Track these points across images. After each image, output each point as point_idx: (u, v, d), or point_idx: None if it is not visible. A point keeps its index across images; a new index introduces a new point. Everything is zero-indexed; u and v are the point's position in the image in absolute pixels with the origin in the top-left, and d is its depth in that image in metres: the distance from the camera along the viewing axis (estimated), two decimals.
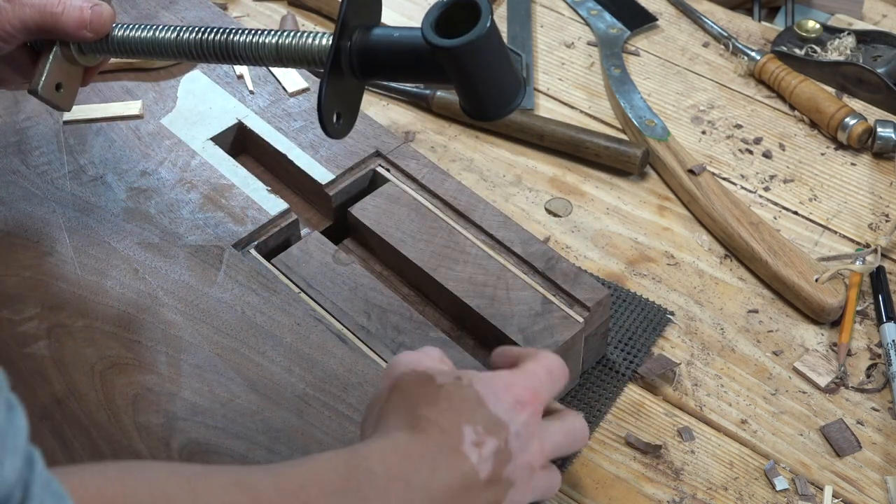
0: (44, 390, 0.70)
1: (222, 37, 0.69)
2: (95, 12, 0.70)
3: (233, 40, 0.68)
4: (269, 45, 0.67)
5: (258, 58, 0.68)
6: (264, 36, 0.67)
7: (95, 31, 0.70)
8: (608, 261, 0.89)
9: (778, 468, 0.75)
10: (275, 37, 0.67)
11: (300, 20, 1.11)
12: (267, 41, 0.67)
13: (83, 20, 0.69)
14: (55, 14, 0.69)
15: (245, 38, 0.68)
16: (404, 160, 0.85)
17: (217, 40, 0.69)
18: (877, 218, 0.92)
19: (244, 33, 0.68)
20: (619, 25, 1.10)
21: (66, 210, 0.81)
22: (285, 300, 0.75)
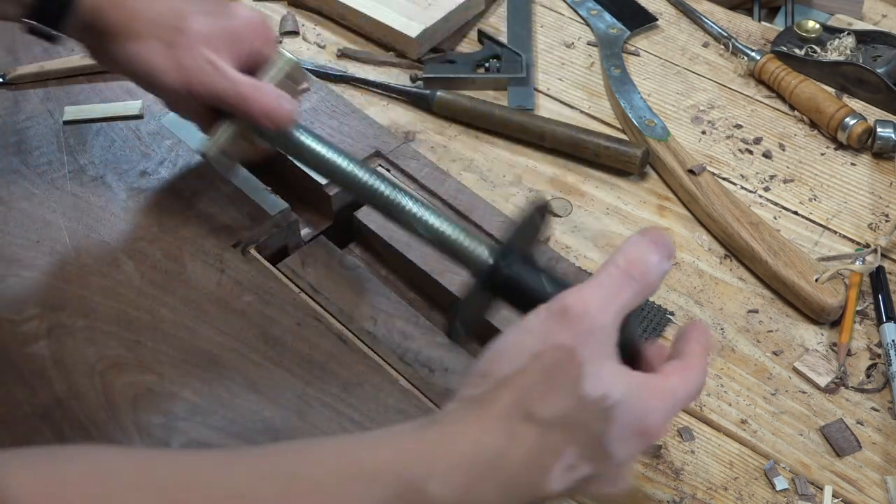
0: (44, 390, 0.70)
1: (390, 194, 0.69)
2: (281, 107, 0.72)
3: (398, 202, 0.69)
4: (431, 225, 0.67)
5: (414, 229, 0.68)
6: (430, 214, 0.68)
7: (277, 124, 0.72)
8: None
9: (778, 468, 0.75)
10: (439, 220, 0.68)
11: (300, 20, 1.11)
12: (430, 220, 0.68)
13: (270, 110, 0.72)
14: (246, 98, 0.72)
15: (411, 205, 0.68)
16: (404, 160, 0.85)
17: (384, 196, 0.69)
18: (877, 218, 0.92)
19: (412, 200, 0.69)
20: (619, 25, 1.10)
21: (66, 210, 0.81)
22: (285, 300, 0.75)
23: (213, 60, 0.72)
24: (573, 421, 0.53)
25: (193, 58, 0.72)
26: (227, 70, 0.73)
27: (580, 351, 0.53)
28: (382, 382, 0.70)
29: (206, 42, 0.73)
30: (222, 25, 0.74)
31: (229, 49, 0.74)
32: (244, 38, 0.75)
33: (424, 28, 1.06)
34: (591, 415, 0.53)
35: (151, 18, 0.73)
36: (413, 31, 1.06)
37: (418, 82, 1.04)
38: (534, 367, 0.53)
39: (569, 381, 0.53)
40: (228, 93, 0.72)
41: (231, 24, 0.74)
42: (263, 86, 0.73)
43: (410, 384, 0.70)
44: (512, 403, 0.53)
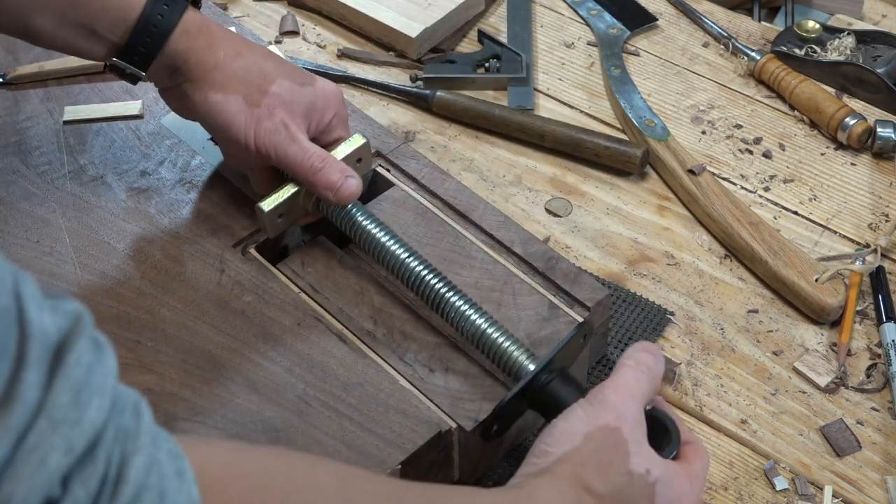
0: None
1: (441, 288, 0.71)
2: (346, 184, 0.74)
3: (447, 299, 0.71)
4: (477, 327, 0.69)
5: (459, 326, 0.70)
6: (479, 316, 0.70)
7: (339, 200, 0.74)
8: (608, 261, 0.89)
9: (778, 468, 0.75)
10: (487, 323, 0.69)
11: (300, 20, 1.11)
12: (477, 323, 0.69)
13: (333, 186, 0.74)
14: (314, 168, 0.73)
15: (461, 304, 0.70)
16: (404, 160, 0.85)
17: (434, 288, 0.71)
18: (877, 218, 0.92)
19: (463, 300, 0.71)
20: (619, 25, 1.10)
21: (66, 210, 0.81)
22: (285, 300, 0.75)
23: (289, 125, 0.74)
24: (624, 495, 0.58)
25: (271, 118, 0.74)
26: (301, 137, 0.75)
27: (624, 431, 0.60)
28: (382, 382, 0.70)
29: (286, 106, 0.75)
30: (302, 93, 0.76)
31: (305, 117, 0.76)
32: (320, 109, 0.77)
33: (424, 28, 1.06)
34: (638, 490, 0.59)
35: (237, 73, 0.74)
36: (413, 31, 1.06)
37: (418, 82, 1.04)
38: (588, 446, 0.59)
39: (618, 459, 0.59)
40: (298, 160, 0.74)
41: (311, 93, 0.76)
42: (332, 159, 0.75)
43: (410, 384, 0.70)
44: (572, 476, 0.58)
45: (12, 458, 0.36)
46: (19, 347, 0.36)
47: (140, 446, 0.40)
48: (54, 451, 0.37)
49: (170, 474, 0.41)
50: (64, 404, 0.37)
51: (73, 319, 0.40)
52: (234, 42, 0.76)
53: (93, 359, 0.40)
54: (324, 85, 0.78)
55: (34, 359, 0.37)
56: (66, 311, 0.40)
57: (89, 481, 0.38)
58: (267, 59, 0.76)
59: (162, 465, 0.41)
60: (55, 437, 0.37)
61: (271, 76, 0.75)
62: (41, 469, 0.36)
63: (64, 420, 0.37)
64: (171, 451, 0.42)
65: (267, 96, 0.74)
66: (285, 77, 0.75)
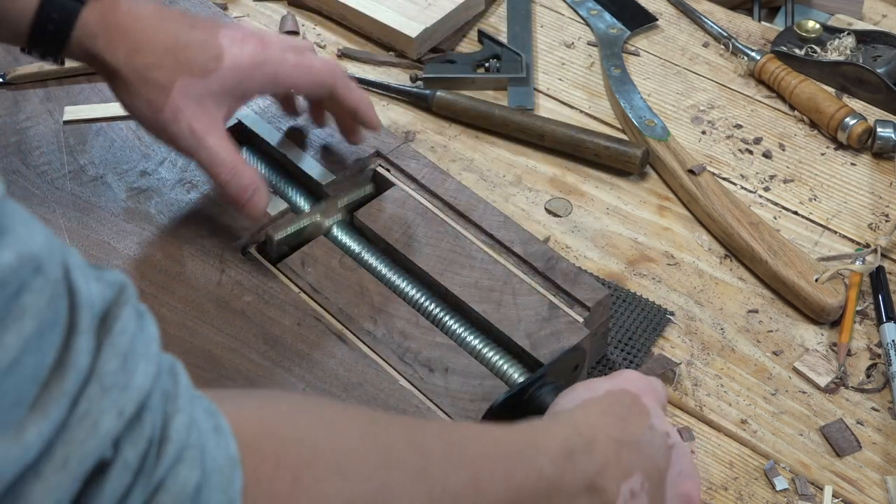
0: None
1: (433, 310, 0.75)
2: (252, 202, 0.74)
3: (444, 321, 0.74)
4: (468, 343, 0.73)
5: (453, 338, 0.73)
6: (471, 334, 0.74)
7: (248, 215, 0.75)
8: (608, 261, 0.89)
9: (778, 468, 0.75)
10: (478, 340, 0.73)
11: (300, 20, 1.11)
12: (468, 340, 0.73)
13: (238, 202, 0.74)
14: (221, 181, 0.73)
15: (455, 324, 0.74)
16: (404, 160, 0.85)
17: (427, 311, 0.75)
18: (877, 218, 0.92)
19: (459, 322, 0.74)
20: (619, 25, 1.10)
21: (66, 210, 0.81)
22: (285, 300, 0.75)
23: (195, 129, 0.72)
24: (644, 446, 0.60)
25: (176, 122, 0.71)
26: (210, 142, 0.72)
27: (643, 398, 0.62)
28: (382, 382, 0.70)
29: (192, 105, 0.72)
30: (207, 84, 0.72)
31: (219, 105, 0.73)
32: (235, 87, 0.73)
33: (424, 28, 1.06)
34: (657, 447, 0.60)
35: (138, 74, 0.71)
36: (413, 31, 1.05)
37: (418, 82, 1.04)
38: (609, 399, 0.62)
39: (639, 417, 0.61)
40: (206, 167, 0.73)
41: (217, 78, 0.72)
42: (240, 173, 0.73)
43: (410, 384, 0.70)
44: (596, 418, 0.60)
45: (67, 423, 0.37)
46: (70, 316, 0.38)
47: (180, 407, 0.41)
48: (106, 415, 0.38)
49: (208, 430, 0.42)
50: (113, 370, 0.39)
51: (117, 290, 0.41)
52: (135, 34, 0.71)
53: (136, 327, 0.41)
54: (232, 61, 0.72)
55: (84, 326, 0.38)
56: (111, 281, 0.41)
57: (138, 443, 0.39)
58: (169, 51, 0.71)
59: (200, 422, 0.42)
60: (106, 402, 0.38)
61: (172, 74, 0.71)
62: (94, 432, 0.38)
63: (114, 385, 0.39)
64: (208, 409, 0.43)
65: (170, 99, 0.71)
66: (186, 73, 0.71)
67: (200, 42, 0.72)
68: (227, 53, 0.73)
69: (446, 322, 0.74)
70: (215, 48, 0.72)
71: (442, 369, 0.71)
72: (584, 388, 0.63)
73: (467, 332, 0.74)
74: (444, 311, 0.75)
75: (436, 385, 0.70)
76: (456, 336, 0.74)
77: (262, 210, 0.75)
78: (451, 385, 0.70)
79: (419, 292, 0.76)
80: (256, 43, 0.74)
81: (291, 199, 0.83)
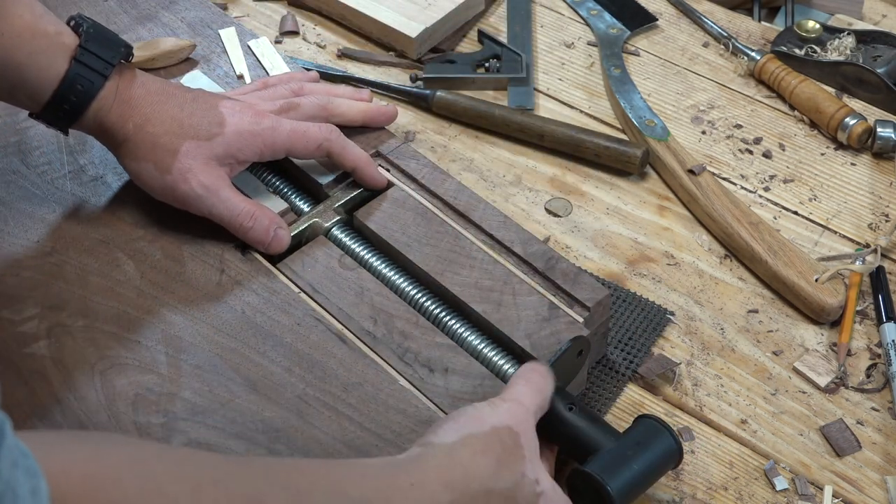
0: (44, 390, 0.70)
1: (434, 310, 0.75)
2: (276, 239, 0.77)
3: (443, 320, 0.75)
4: (468, 343, 0.73)
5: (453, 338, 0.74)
6: (471, 334, 0.74)
7: (272, 252, 0.78)
8: (608, 261, 0.89)
9: (778, 468, 0.75)
10: (478, 340, 0.73)
11: (300, 20, 1.11)
12: (468, 340, 0.74)
13: (263, 244, 0.77)
14: (244, 228, 0.77)
15: (455, 324, 0.74)
16: (404, 160, 0.85)
17: (429, 311, 0.75)
18: (877, 218, 0.92)
19: (459, 321, 0.75)
20: (619, 25, 1.10)
21: (66, 210, 0.81)
22: (285, 300, 0.75)
23: (208, 185, 0.76)
24: (513, 494, 0.60)
25: (186, 183, 0.76)
26: (225, 194, 0.77)
27: (522, 438, 0.62)
28: (382, 382, 0.70)
29: (199, 165, 0.76)
30: (212, 147, 0.77)
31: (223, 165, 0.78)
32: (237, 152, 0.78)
33: (424, 28, 1.06)
34: (525, 495, 0.61)
35: (145, 142, 0.76)
36: (413, 31, 1.06)
37: (418, 82, 1.04)
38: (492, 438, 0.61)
39: (516, 460, 0.61)
40: (226, 220, 0.77)
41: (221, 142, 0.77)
42: (261, 213, 0.77)
43: (410, 384, 0.70)
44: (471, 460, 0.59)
45: None
46: None
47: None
48: None
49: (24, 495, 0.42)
50: None
51: None
52: (145, 107, 0.76)
53: None
54: (234, 128, 0.78)
55: None
56: None
57: None
58: (175, 120, 0.76)
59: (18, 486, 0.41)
60: None
61: (179, 139, 0.76)
62: None
63: None
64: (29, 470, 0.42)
65: (177, 160, 0.76)
66: (192, 137, 0.76)
67: (203, 111, 0.78)
68: (229, 121, 0.78)
69: (446, 322, 0.74)
70: (218, 116, 0.78)
71: (442, 369, 0.71)
72: (469, 419, 0.62)
73: (467, 332, 0.74)
74: (444, 311, 0.75)
75: (436, 385, 0.70)
76: (456, 336, 0.74)
77: (287, 244, 0.78)
78: (451, 385, 0.70)
79: (419, 292, 0.76)
80: (253, 114, 0.79)
81: (291, 199, 0.83)
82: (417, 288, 0.76)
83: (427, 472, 0.58)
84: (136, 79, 0.77)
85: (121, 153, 0.77)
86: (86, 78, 0.74)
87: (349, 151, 0.81)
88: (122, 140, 0.76)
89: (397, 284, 0.77)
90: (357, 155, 0.82)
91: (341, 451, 0.66)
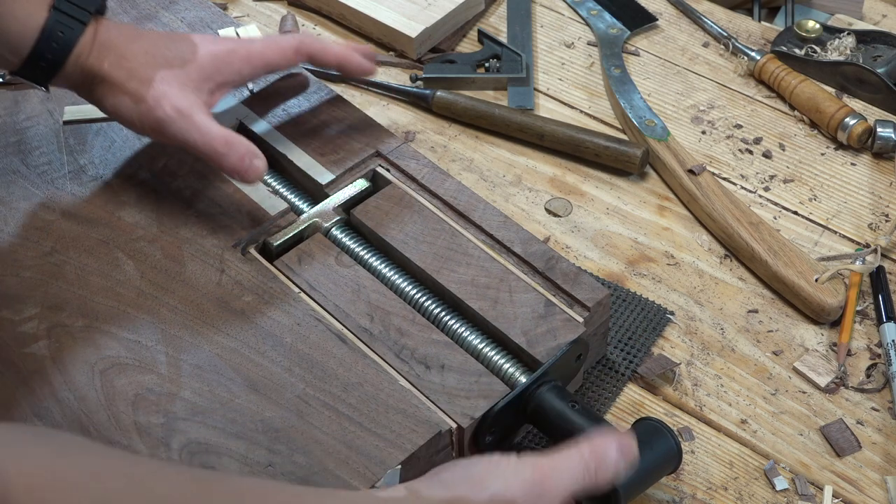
0: (44, 390, 0.70)
1: (434, 309, 0.75)
2: (252, 168, 0.76)
3: (440, 318, 0.75)
4: (465, 340, 0.73)
5: (450, 335, 0.74)
6: (467, 331, 0.74)
7: (245, 182, 0.77)
8: (608, 261, 0.89)
9: (778, 468, 0.75)
10: (474, 337, 0.73)
11: (300, 20, 1.11)
12: (465, 337, 0.74)
13: (238, 171, 0.76)
14: (218, 153, 0.76)
15: (451, 322, 0.74)
16: (404, 160, 0.85)
17: (428, 310, 0.75)
18: (877, 218, 0.92)
19: (455, 319, 0.74)
20: (619, 25, 1.10)
21: (66, 210, 0.81)
22: (285, 300, 0.75)
23: (182, 109, 0.76)
24: None
25: (160, 108, 0.75)
26: (199, 119, 0.76)
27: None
28: (382, 382, 0.70)
29: (175, 91, 0.76)
30: (187, 73, 0.77)
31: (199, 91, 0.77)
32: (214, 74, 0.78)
33: (424, 28, 1.06)
34: None
35: (121, 77, 0.76)
36: (413, 31, 1.06)
37: (418, 82, 1.04)
38: None
39: None
40: (200, 146, 0.76)
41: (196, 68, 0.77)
42: (236, 141, 0.76)
43: (409, 383, 0.70)
44: None
45: None
46: None
47: None
48: None
49: None
50: None
51: None
52: (120, 46, 0.77)
53: None
54: (207, 51, 0.78)
55: None
56: None
57: None
58: (148, 53, 0.77)
59: None
60: None
61: (153, 69, 0.76)
62: None
63: None
64: None
65: (151, 88, 0.75)
66: (166, 66, 0.76)
67: (177, 42, 0.79)
68: (202, 46, 0.79)
69: (443, 319, 0.74)
70: (190, 45, 0.79)
71: (438, 366, 0.71)
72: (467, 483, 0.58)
73: (464, 329, 0.74)
74: (440, 309, 0.75)
75: (432, 382, 0.70)
76: (452, 333, 0.74)
77: (263, 173, 0.77)
78: (447, 382, 0.70)
79: (416, 289, 0.76)
80: (227, 41, 0.81)
81: (291, 199, 0.84)
82: (414, 285, 0.76)
83: None
84: (112, 24, 0.78)
85: (98, 94, 0.77)
86: (65, 25, 0.74)
87: (330, 48, 0.82)
88: (99, 81, 0.76)
89: (394, 282, 0.77)
90: (338, 49, 0.82)
91: (341, 451, 0.66)
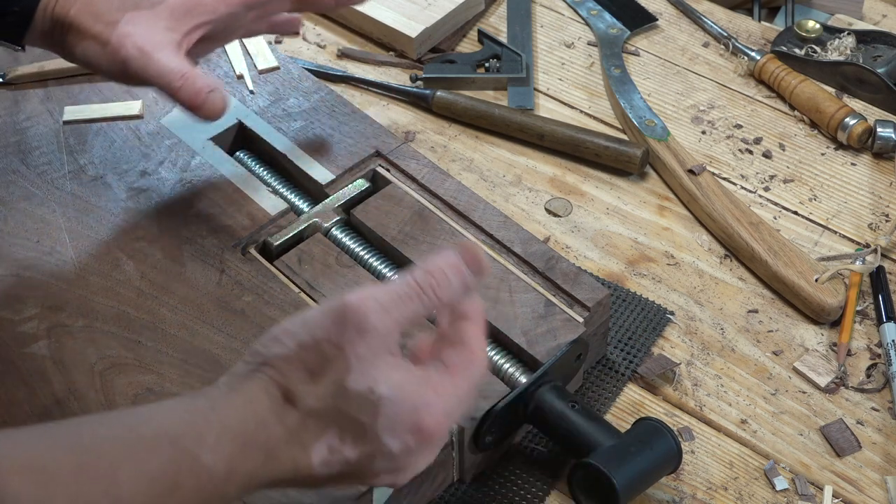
0: (44, 390, 0.70)
1: None
2: (210, 101, 0.74)
3: None
4: None
5: None
6: None
7: (203, 117, 0.74)
8: (608, 261, 0.89)
9: (778, 468, 0.75)
10: None
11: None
12: None
13: (194, 103, 0.74)
14: (173, 88, 0.73)
15: None
16: (404, 160, 0.85)
17: None
18: (877, 218, 0.92)
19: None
20: (619, 25, 1.10)
21: (66, 210, 0.81)
22: (285, 300, 0.75)
23: (143, 46, 0.73)
24: (334, 409, 0.54)
25: (123, 48, 0.73)
26: (158, 56, 0.73)
27: (348, 349, 0.55)
28: None
29: (140, 30, 0.74)
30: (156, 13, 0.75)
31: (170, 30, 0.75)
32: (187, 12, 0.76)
33: (424, 28, 1.06)
34: (354, 405, 0.54)
35: (87, 22, 0.74)
36: (413, 31, 1.06)
37: (418, 82, 1.04)
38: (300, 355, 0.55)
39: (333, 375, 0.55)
40: (157, 80, 0.73)
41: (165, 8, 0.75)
42: (193, 76, 0.74)
43: None
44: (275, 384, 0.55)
45: None
46: None
47: None
48: None
49: None
50: None
51: None
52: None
53: None
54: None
55: None
56: None
57: None
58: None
59: None
60: None
61: (120, 12, 0.74)
62: None
63: None
64: None
65: (116, 29, 0.74)
66: (133, 8, 0.75)
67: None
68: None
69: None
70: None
71: None
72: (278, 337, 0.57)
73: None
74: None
75: None
76: None
77: (222, 110, 0.75)
78: None
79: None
80: None
81: (291, 199, 0.84)
82: None
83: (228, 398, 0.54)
84: None
85: (69, 44, 0.75)
86: None
87: None
88: (67, 28, 0.75)
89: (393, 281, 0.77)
90: None
91: None
